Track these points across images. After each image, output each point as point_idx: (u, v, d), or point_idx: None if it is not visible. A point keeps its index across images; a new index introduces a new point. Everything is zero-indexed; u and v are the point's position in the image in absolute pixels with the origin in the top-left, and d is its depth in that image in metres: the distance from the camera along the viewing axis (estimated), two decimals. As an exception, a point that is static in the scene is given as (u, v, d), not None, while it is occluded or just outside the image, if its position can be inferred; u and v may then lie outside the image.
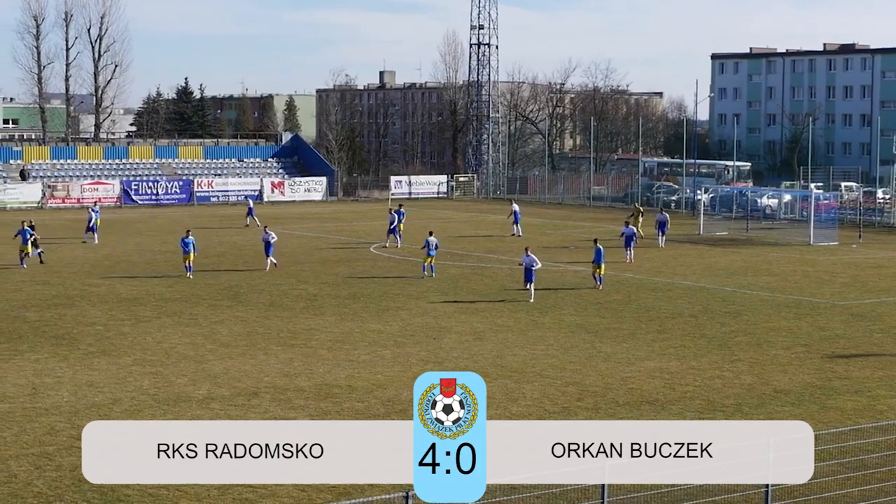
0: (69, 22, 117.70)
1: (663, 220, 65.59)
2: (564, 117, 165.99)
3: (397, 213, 66.67)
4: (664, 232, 65.22)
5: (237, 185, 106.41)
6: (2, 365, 32.75)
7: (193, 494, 21.32)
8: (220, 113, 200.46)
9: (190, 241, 51.96)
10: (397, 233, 64.69)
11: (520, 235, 70.60)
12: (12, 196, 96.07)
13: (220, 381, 30.78)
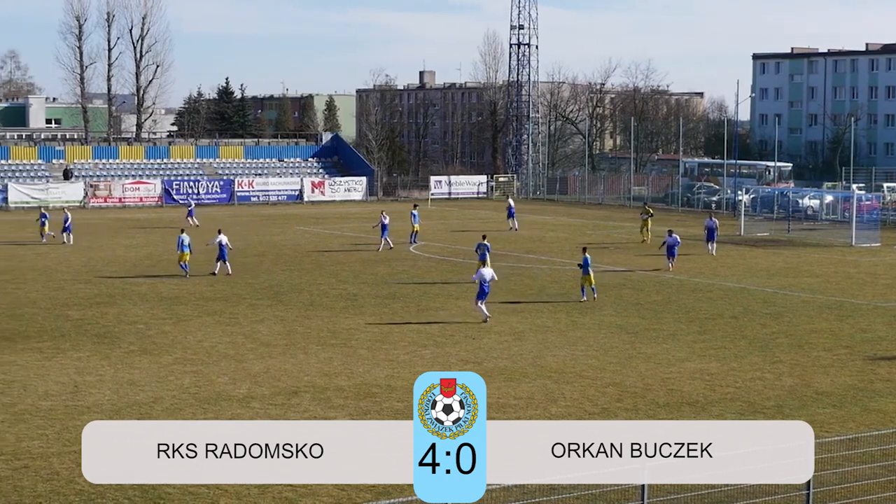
0: (111, 22, 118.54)
1: (712, 227, 61.70)
2: (604, 117, 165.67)
3: (412, 214, 67.18)
4: (714, 238, 61.61)
5: (278, 185, 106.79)
6: (44, 363, 32.99)
7: (234, 493, 21.39)
8: (261, 113, 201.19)
9: (184, 239, 52.20)
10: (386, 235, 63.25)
11: (516, 229, 74.74)
12: (55, 195, 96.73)
13: (261, 381, 30.87)
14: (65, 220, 66.62)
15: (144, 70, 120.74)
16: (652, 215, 69.78)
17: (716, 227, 61.93)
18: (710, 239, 61.66)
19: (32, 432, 25.43)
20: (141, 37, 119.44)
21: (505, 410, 27.58)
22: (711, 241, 61.60)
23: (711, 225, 61.92)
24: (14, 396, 28.86)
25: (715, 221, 62.53)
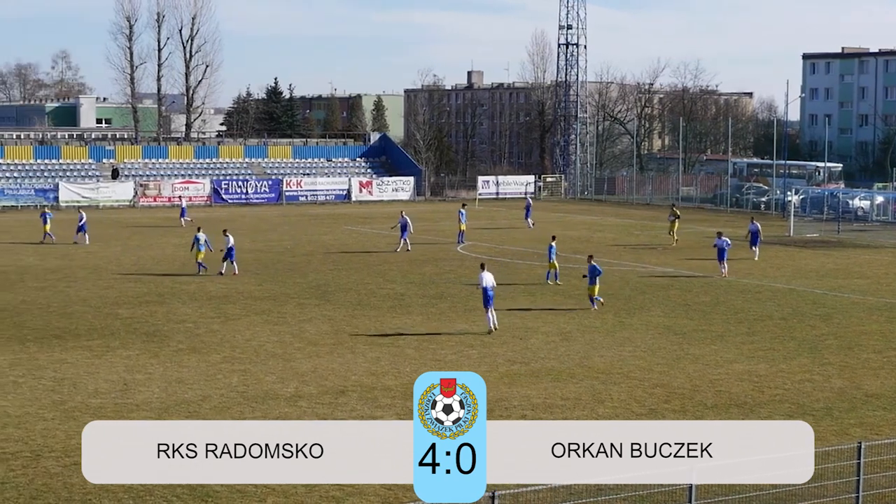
0: (161, 23, 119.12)
1: (755, 231, 59.85)
2: (653, 117, 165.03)
3: (460, 213, 67.38)
4: (757, 243, 59.69)
5: (326, 185, 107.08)
6: (94, 361, 33.23)
7: (281, 492, 21.48)
8: (309, 113, 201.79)
9: (200, 238, 52.43)
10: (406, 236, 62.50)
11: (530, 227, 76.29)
12: (105, 195, 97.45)
13: (308, 380, 30.97)
14: (80, 219, 66.43)
15: (194, 70, 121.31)
16: (679, 217, 68.80)
17: (759, 231, 59.91)
18: (753, 243, 59.70)
19: (82, 429, 25.55)
20: (191, 37, 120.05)
21: (552, 411, 27.55)
22: (755, 245, 59.61)
23: (754, 229, 60.04)
24: (64, 394, 29.09)
25: (757, 225, 60.56)
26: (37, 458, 23.35)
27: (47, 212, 68.63)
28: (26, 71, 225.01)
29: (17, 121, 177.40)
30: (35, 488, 21.51)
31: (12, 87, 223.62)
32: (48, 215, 67.36)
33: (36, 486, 21.60)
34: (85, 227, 65.92)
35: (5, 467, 22.75)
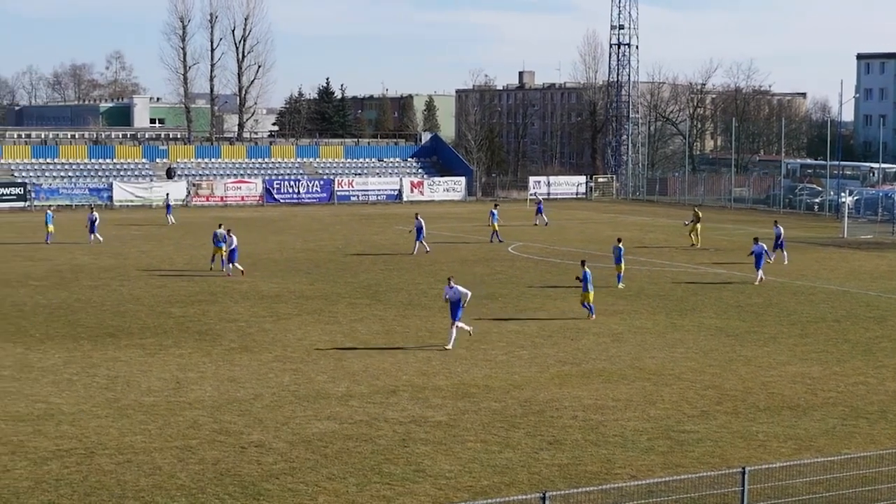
0: (214, 23, 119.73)
1: (778, 234, 58.05)
2: (705, 118, 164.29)
3: (491, 213, 67.57)
4: (781, 247, 57.71)
5: (377, 185, 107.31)
6: (147, 359, 33.46)
7: (332, 490, 21.53)
8: (361, 113, 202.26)
9: (219, 234, 52.72)
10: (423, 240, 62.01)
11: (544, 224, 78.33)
12: (158, 194, 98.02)
13: (359, 379, 31.03)
14: (90, 219, 66.27)
15: (246, 70, 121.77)
16: (700, 219, 67.67)
17: (781, 234, 58.01)
18: (777, 248, 57.67)
19: (135, 427, 25.79)
20: (243, 37, 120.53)
21: (603, 412, 27.48)
22: (779, 249, 57.65)
23: (777, 232, 58.25)
24: (118, 392, 29.31)
25: (780, 229, 58.67)
26: (91, 456, 23.54)
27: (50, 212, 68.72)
28: (81, 71, 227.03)
29: (72, 121, 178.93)
30: (89, 485, 21.68)
31: (67, 88, 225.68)
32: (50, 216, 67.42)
33: (90, 484, 21.77)
34: (95, 226, 65.72)
35: (60, 464, 22.96)
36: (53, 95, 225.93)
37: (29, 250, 61.66)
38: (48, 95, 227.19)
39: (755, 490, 19.25)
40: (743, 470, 18.48)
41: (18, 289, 47.39)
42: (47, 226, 65.73)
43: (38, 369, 31.98)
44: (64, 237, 66.36)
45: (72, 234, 69.47)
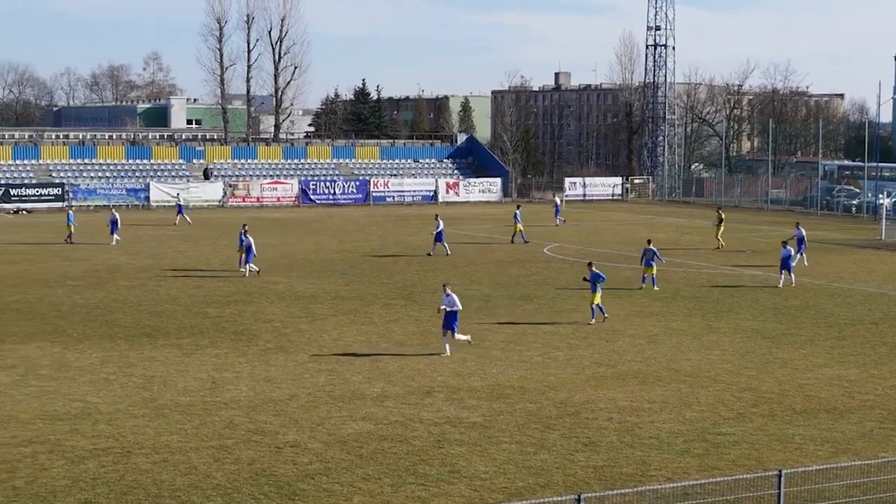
0: (251, 24, 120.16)
1: (801, 237, 56.57)
2: (742, 119, 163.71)
3: (515, 215, 67.70)
4: (802, 249, 55.98)
5: (413, 186, 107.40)
6: (184, 359, 33.60)
7: (367, 491, 21.56)
8: (397, 114, 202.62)
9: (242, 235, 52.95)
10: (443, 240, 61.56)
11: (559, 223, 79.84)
12: (195, 195, 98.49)
13: (394, 380, 31.06)
14: (111, 219, 66.42)
15: (283, 71, 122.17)
16: (723, 220, 66.94)
17: (804, 237, 56.70)
18: (800, 251, 55.93)
19: (171, 427, 25.90)
20: (279, 38, 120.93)
21: (639, 414, 27.41)
22: (801, 253, 55.84)
23: (800, 235, 56.82)
24: (154, 391, 29.44)
25: (802, 231, 57.35)
26: (127, 455, 23.66)
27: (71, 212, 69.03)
28: (118, 72, 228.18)
29: (110, 121, 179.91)
30: (125, 484, 21.79)
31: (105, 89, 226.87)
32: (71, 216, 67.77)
33: (126, 483, 21.88)
34: (116, 227, 65.85)
35: (97, 463, 23.08)
36: (91, 96, 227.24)
37: (67, 250, 62.04)
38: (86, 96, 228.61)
39: (791, 493, 19.16)
40: (779, 473, 18.40)
41: (56, 289, 47.69)
42: (69, 226, 66.20)
43: (75, 368, 32.18)
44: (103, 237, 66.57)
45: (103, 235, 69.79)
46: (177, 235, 70.46)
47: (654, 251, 48.82)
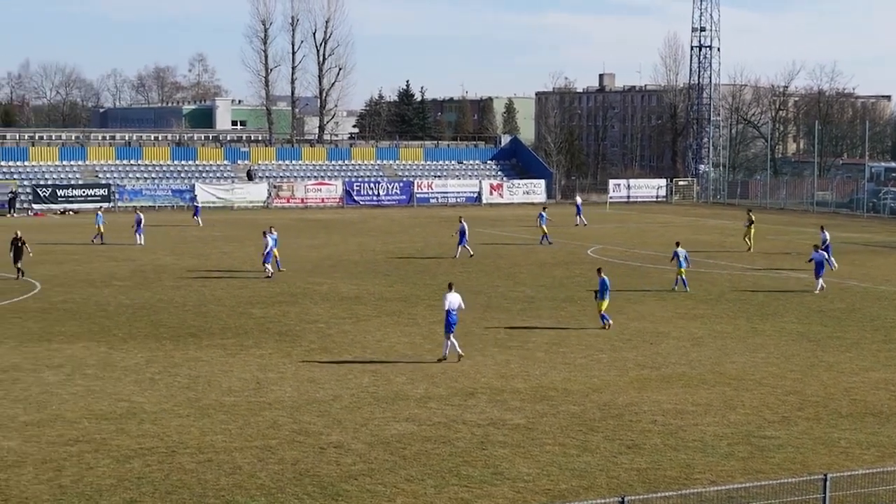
0: (295, 26, 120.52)
1: (824, 239, 55.57)
2: (787, 121, 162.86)
3: (540, 215, 67.80)
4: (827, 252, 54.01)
5: (456, 187, 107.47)
6: (228, 359, 33.74)
7: (410, 492, 21.58)
8: (441, 115, 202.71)
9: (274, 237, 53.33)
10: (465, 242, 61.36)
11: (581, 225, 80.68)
12: (240, 196, 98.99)
13: (438, 381, 31.07)
14: (137, 220, 66.80)
15: (327, 73, 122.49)
16: (753, 222, 66.60)
17: (828, 240, 55.73)
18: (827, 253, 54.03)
19: (216, 427, 26.02)
20: (324, 40, 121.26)
21: (683, 417, 27.31)
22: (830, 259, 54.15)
23: (825, 238, 55.91)
24: (199, 391, 29.59)
25: (827, 234, 56.57)
26: (172, 454, 23.78)
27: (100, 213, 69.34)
28: (164, 74, 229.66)
29: (155, 122, 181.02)
30: (170, 483, 21.91)
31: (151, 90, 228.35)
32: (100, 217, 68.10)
33: (171, 482, 22.00)
34: (141, 227, 66.22)
35: (142, 462, 23.22)
36: (137, 98, 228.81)
37: (112, 251, 62.46)
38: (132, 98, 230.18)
39: (837, 497, 19.04)
40: (824, 477, 18.28)
41: (102, 289, 48.03)
42: (98, 226, 66.62)
43: (120, 368, 32.38)
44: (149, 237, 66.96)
45: (156, 234, 70.21)
46: (221, 236, 70.77)
47: (682, 253, 48.68)
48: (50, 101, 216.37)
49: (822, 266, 48.86)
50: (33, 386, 30.02)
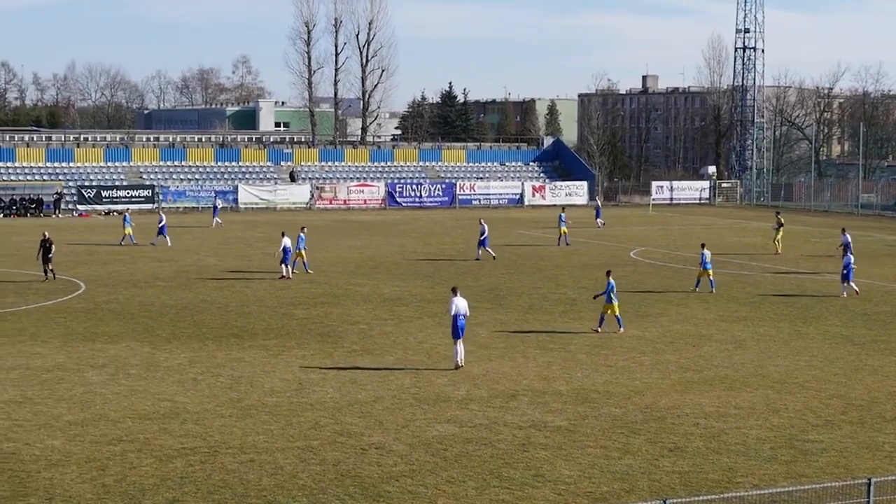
0: (338, 28, 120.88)
1: (847, 243, 55.19)
2: (832, 122, 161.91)
3: (560, 216, 67.93)
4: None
5: (498, 189, 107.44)
6: (271, 360, 33.85)
7: (451, 493, 21.59)
8: (483, 117, 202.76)
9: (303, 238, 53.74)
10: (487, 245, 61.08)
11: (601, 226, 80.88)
12: (282, 197, 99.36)
13: (479, 383, 31.06)
14: (159, 221, 66.95)
15: (370, 75, 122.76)
16: (783, 225, 65.93)
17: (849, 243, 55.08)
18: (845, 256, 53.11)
19: (258, 427, 26.11)
20: (367, 42, 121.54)
21: (725, 420, 27.18)
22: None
23: (846, 241, 55.67)
24: (241, 392, 29.70)
25: (848, 237, 56.15)
26: (214, 454, 23.88)
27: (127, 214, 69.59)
28: (208, 76, 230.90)
29: (199, 124, 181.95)
30: (213, 483, 22.00)
31: (195, 92, 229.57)
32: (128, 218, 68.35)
33: (213, 482, 22.09)
34: (164, 229, 66.43)
35: (184, 462, 23.33)
36: (181, 99, 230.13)
37: (156, 251, 62.80)
38: (176, 99, 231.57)
39: (881, 502, 18.90)
40: (868, 481, 18.16)
41: (146, 289, 48.31)
42: (125, 228, 66.95)
43: (164, 368, 32.56)
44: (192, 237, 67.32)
45: (198, 235, 70.56)
46: (264, 237, 70.98)
47: (707, 255, 48.64)
48: (95, 102, 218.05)
49: (849, 269, 47.98)
50: (77, 385, 30.23)
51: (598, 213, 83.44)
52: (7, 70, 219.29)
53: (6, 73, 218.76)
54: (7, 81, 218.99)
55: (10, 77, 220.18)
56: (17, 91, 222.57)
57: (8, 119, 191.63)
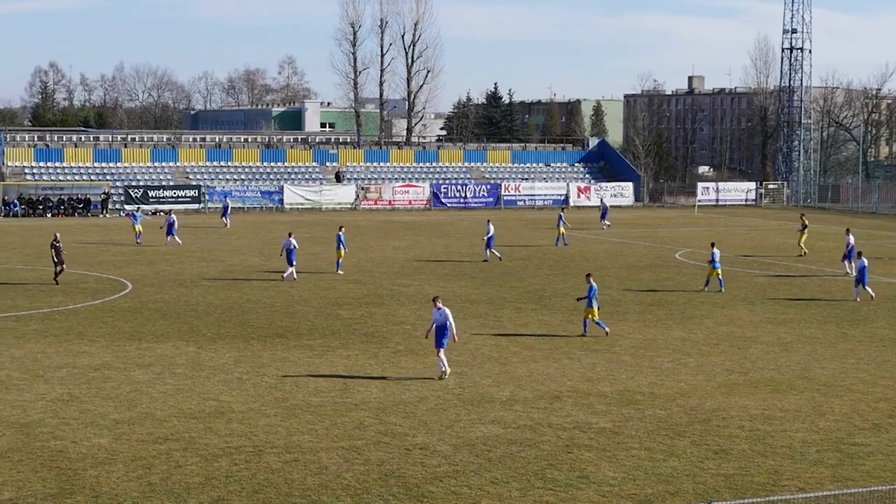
0: (384, 29, 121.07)
1: (851, 245, 54.45)
2: (880, 123, 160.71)
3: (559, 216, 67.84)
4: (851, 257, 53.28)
5: (544, 190, 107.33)
6: (315, 360, 33.95)
7: (495, 494, 21.58)
8: (528, 118, 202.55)
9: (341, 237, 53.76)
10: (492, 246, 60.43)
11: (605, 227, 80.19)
12: (328, 197, 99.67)
13: (524, 384, 31.04)
14: (168, 221, 67.02)
15: (415, 75, 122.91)
16: (807, 226, 65.16)
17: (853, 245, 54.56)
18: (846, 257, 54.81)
19: (303, 427, 26.19)
20: (413, 42, 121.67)
21: (771, 422, 27.03)
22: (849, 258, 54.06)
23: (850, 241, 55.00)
24: (286, 391, 29.79)
25: (851, 238, 55.40)
26: (259, 454, 23.98)
27: (136, 213, 69.78)
28: (254, 76, 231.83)
29: (245, 125, 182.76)
30: (257, 483, 22.09)
31: (241, 92, 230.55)
32: (137, 216, 68.61)
33: (258, 481, 22.18)
34: (174, 229, 66.51)
35: (229, 461, 23.43)
36: (227, 100, 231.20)
37: (202, 251, 63.13)
38: (222, 100, 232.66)
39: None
40: (915, 485, 18.04)
41: (192, 289, 48.56)
42: (135, 226, 67.48)
43: (209, 368, 32.72)
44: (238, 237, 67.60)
45: (245, 235, 70.82)
46: (309, 237, 71.20)
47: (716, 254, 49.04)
48: (142, 103, 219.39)
49: (863, 273, 46.97)
50: (124, 384, 30.44)
51: (604, 214, 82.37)
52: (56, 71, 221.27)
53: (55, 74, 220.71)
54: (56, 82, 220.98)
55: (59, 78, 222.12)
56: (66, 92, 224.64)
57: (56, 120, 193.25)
